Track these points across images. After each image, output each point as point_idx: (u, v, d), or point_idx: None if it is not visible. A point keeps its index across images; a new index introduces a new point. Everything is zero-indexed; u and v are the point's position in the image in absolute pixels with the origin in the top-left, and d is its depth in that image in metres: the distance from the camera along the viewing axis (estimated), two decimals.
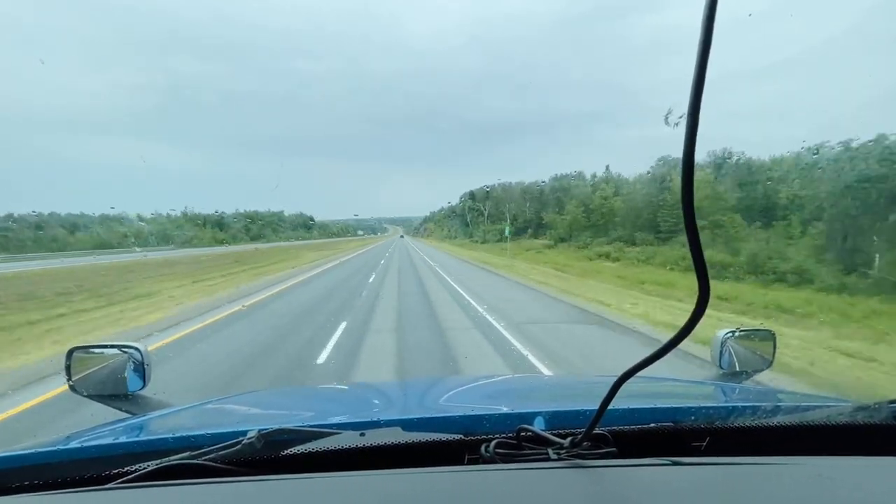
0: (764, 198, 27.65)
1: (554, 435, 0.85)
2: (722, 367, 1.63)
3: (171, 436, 1.02)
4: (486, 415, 1.07)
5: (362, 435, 0.90)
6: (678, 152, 0.54)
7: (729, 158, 35.73)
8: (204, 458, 0.84)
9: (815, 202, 22.45)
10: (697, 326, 0.59)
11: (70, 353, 1.49)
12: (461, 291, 14.65)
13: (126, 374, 1.51)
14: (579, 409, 1.02)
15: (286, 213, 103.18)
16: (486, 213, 70.68)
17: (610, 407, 0.75)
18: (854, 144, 21.77)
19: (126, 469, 0.83)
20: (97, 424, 1.34)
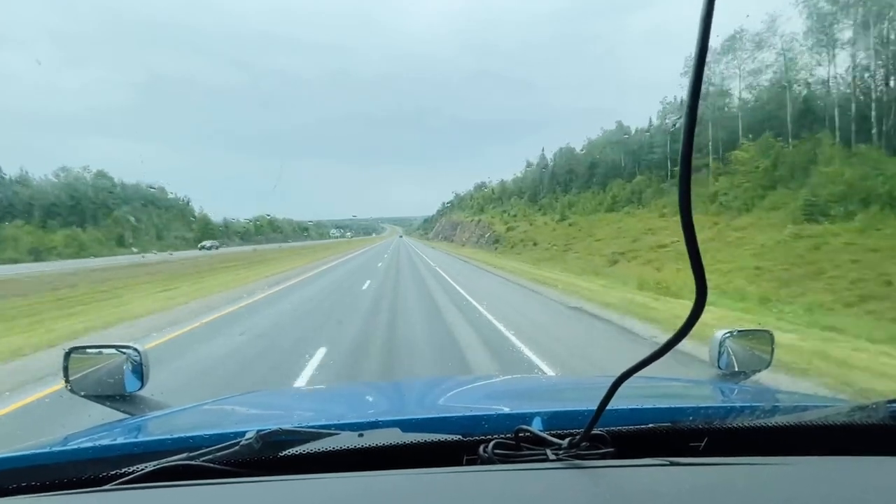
0: None
1: (552, 435, 0.84)
2: (720, 368, 1.62)
3: (169, 437, 1.02)
4: (485, 415, 1.07)
5: (361, 435, 0.90)
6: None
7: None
8: (202, 459, 0.83)
9: None
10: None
11: (68, 353, 1.48)
12: None
13: (124, 375, 1.49)
14: (577, 409, 1.02)
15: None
16: None
17: (608, 407, 0.74)
18: None
19: (124, 470, 0.83)
20: (95, 425, 1.33)
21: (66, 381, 1.45)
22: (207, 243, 52.85)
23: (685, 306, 9.26)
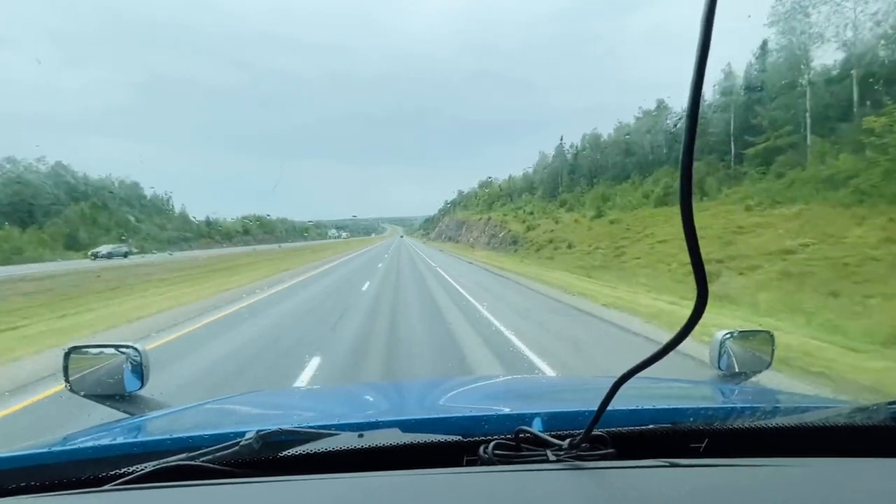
0: None
1: (552, 436, 0.89)
2: (720, 369, 1.65)
3: (168, 437, 1.06)
4: (485, 416, 1.11)
5: (361, 436, 0.94)
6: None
7: None
8: (202, 459, 0.87)
9: None
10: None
11: (67, 353, 1.59)
12: None
13: (124, 375, 1.53)
14: (578, 410, 1.07)
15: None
16: None
17: (609, 408, 0.75)
18: None
19: (123, 470, 0.88)
20: (95, 425, 1.34)
21: (66, 380, 1.52)
22: (104, 249, 37.14)
23: None
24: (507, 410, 1.24)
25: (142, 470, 0.87)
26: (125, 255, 37.24)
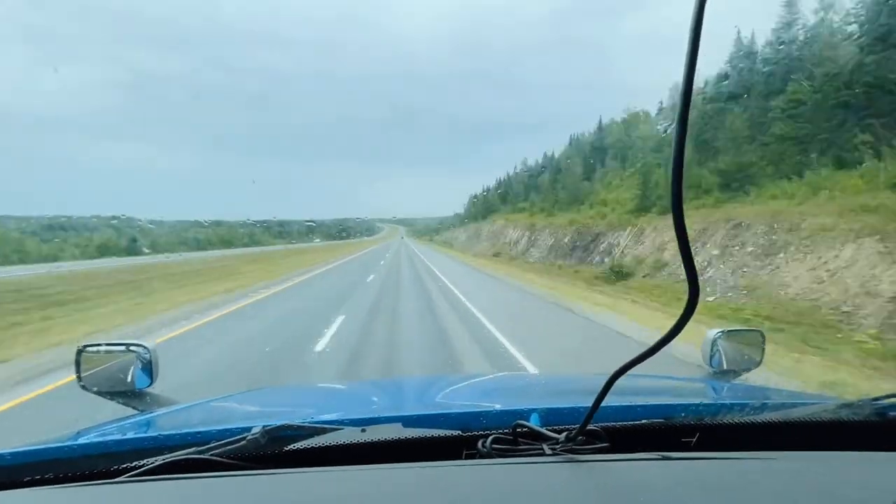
0: None
1: (549, 431, 0.91)
2: (712, 366, 1.68)
3: (177, 432, 1.09)
4: (484, 411, 1.15)
5: (363, 431, 0.98)
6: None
7: None
8: (210, 453, 0.91)
9: None
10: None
11: (79, 351, 1.63)
12: None
13: (134, 372, 1.59)
14: (574, 405, 1.10)
15: None
16: None
17: (604, 403, 0.79)
18: None
19: (134, 464, 0.90)
20: (106, 421, 1.37)
21: (78, 377, 1.54)
22: None
23: None
24: (505, 406, 1.29)
25: (152, 463, 0.90)
26: None
